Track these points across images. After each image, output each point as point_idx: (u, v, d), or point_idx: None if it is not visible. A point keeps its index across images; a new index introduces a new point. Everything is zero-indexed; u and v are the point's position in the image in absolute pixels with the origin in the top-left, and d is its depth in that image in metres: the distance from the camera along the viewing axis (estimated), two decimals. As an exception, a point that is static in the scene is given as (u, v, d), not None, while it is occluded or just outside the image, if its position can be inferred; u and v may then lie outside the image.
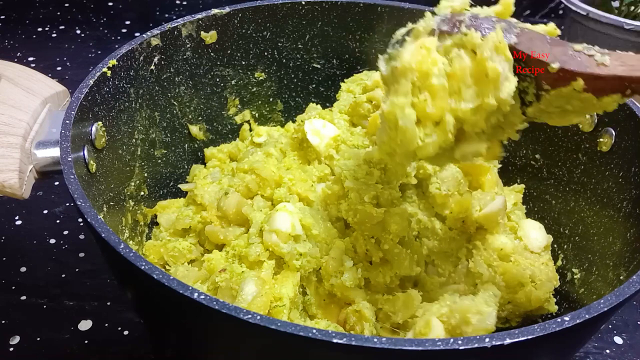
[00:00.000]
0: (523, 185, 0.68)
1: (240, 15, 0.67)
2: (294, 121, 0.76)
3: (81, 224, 0.75)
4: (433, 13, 0.44)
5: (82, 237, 0.74)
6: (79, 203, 0.41)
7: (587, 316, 0.35)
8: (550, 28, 0.41)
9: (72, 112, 0.48)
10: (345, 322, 0.52)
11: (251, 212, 0.56)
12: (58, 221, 0.76)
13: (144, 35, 0.60)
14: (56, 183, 0.82)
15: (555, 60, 0.38)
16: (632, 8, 1.00)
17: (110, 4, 1.33)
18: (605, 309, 0.36)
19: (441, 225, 0.60)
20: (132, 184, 0.60)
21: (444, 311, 0.48)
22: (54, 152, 0.48)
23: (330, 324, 0.52)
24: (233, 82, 0.72)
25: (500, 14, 0.43)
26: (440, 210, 0.59)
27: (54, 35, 1.20)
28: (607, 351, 0.63)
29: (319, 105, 0.65)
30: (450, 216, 0.59)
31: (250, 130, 0.75)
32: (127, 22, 1.26)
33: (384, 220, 0.54)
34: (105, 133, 0.54)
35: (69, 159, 0.44)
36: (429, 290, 0.58)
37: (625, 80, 0.37)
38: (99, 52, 1.15)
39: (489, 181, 0.60)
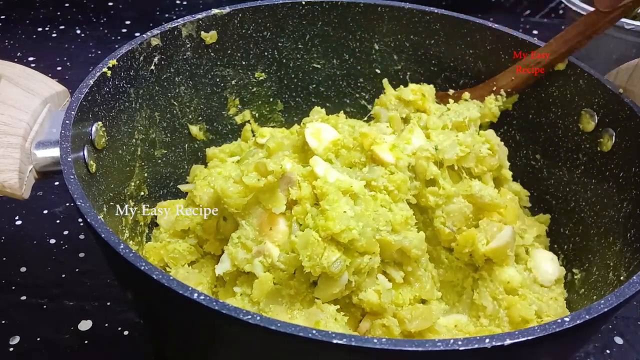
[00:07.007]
0: (548, 215, 0.65)
1: (240, 15, 0.67)
2: (294, 121, 0.76)
3: (81, 224, 0.75)
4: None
5: (82, 237, 0.73)
6: (79, 203, 0.41)
7: (587, 317, 0.35)
8: None
9: (72, 112, 0.48)
10: (367, 333, 0.51)
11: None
12: (58, 221, 0.76)
13: (144, 35, 0.60)
14: (56, 183, 0.82)
15: None
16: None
17: (110, 4, 1.32)
18: (606, 310, 0.36)
19: (447, 255, 0.58)
20: (132, 184, 0.60)
21: None
22: (54, 152, 0.48)
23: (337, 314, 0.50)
24: (233, 82, 0.72)
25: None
26: (446, 244, 0.57)
27: (54, 35, 1.20)
28: (607, 351, 0.63)
29: (323, 110, 0.65)
30: (457, 248, 0.56)
31: (252, 131, 0.75)
32: (127, 22, 1.26)
33: (402, 247, 0.52)
34: (105, 133, 0.54)
35: (69, 159, 0.44)
36: None
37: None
38: (99, 52, 1.15)
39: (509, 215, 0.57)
